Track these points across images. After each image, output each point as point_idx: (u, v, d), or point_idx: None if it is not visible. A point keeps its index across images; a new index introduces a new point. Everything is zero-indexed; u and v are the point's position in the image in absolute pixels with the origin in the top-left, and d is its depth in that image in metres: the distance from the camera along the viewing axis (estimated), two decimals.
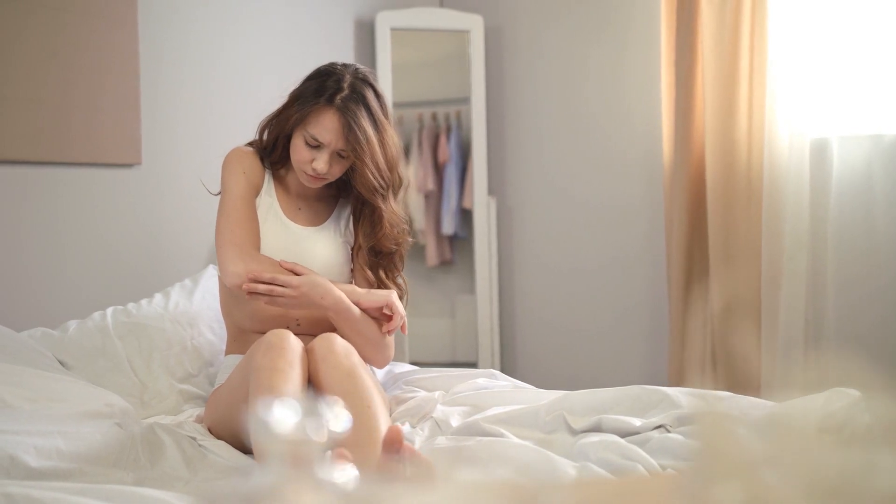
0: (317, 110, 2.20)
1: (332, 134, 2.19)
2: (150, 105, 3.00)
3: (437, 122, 4.20)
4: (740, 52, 3.31)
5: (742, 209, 3.34)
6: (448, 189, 4.19)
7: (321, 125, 2.19)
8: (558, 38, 3.97)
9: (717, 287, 3.37)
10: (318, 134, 2.20)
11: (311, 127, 2.20)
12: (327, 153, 2.21)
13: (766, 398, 3.21)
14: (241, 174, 2.30)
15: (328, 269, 2.31)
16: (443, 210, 4.21)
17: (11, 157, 2.63)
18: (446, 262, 4.27)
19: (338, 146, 2.21)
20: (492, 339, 4.07)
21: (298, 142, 2.24)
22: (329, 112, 2.19)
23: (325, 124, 2.19)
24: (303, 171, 2.25)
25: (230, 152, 2.35)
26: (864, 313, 3.15)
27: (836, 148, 3.17)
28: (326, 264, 2.31)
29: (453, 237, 4.25)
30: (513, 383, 2.38)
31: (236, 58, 3.32)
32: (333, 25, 3.84)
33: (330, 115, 2.19)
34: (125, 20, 2.91)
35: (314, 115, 2.20)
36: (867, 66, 3.14)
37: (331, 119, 2.19)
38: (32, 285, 2.67)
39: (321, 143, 2.21)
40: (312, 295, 2.15)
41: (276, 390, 1.80)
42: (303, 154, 2.23)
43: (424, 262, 4.27)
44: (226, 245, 2.22)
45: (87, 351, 2.33)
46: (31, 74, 2.66)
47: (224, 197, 2.30)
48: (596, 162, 3.90)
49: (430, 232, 4.24)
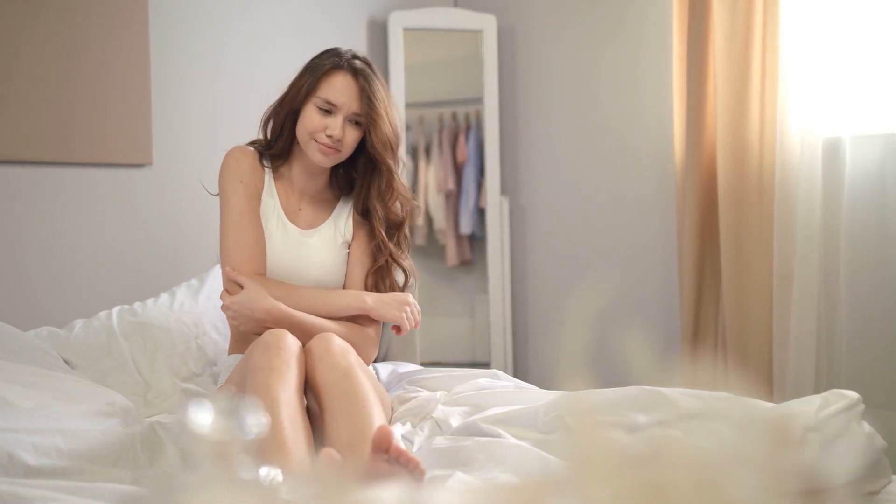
0: (328, 73, 2.23)
1: (346, 95, 2.22)
2: (161, 105, 3.02)
3: (457, 121, 4.21)
4: (752, 50, 3.29)
5: (754, 208, 3.32)
6: (466, 189, 4.19)
7: (334, 87, 2.22)
8: (571, 38, 3.97)
9: (728, 286, 3.35)
10: (331, 97, 2.22)
11: (324, 91, 2.23)
12: (341, 117, 2.23)
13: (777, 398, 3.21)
14: (237, 184, 2.28)
15: (325, 273, 2.31)
16: (461, 210, 4.22)
17: (24, 158, 2.66)
18: (466, 262, 4.27)
19: (352, 108, 2.23)
20: (504, 339, 4.07)
21: (310, 111, 2.24)
22: (341, 73, 2.23)
23: (338, 85, 2.22)
24: (316, 142, 2.24)
25: (227, 154, 2.34)
26: (877, 312, 3.13)
27: (849, 147, 3.14)
28: (324, 267, 2.32)
29: (472, 237, 4.25)
30: (515, 383, 2.37)
31: (248, 57, 3.34)
32: (346, 26, 3.85)
33: (342, 76, 2.23)
34: (136, 20, 2.94)
35: (326, 79, 2.23)
36: (880, 64, 3.12)
37: (343, 79, 2.23)
38: (41, 285, 2.70)
39: (335, 106, 2.22)
40: (244, 311, 2.17)
41: (272, 390, 1.81)
42: (315, 122, 2.23)
43: (444, 262, 4.28)
44: (222, 265, 2.27)
45: (92, 350, 2.35)
46: (41, 75, 2.69)
47: (223, 209, 2.30)
48: (608, 161, 3.89)
49: (449, 232, 4.25)
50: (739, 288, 3.34)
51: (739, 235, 3.35)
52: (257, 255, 2.26)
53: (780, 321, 3.23)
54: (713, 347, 3.46)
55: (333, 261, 2.35)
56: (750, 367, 3.32)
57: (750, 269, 3.33)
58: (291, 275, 2.29)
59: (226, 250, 2.25)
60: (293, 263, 2.28)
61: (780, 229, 3.22)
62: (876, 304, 3.13)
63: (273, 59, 3.42)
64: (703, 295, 3.49)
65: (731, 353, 3.35)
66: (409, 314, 2.30)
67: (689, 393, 2.02)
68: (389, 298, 2.30)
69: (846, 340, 3.16)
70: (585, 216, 3.96)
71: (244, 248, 2.24)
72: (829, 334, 3.21)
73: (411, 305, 2.31)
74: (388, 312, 2.27)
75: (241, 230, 2.25)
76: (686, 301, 3.48)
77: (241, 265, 2.23)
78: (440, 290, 4.34)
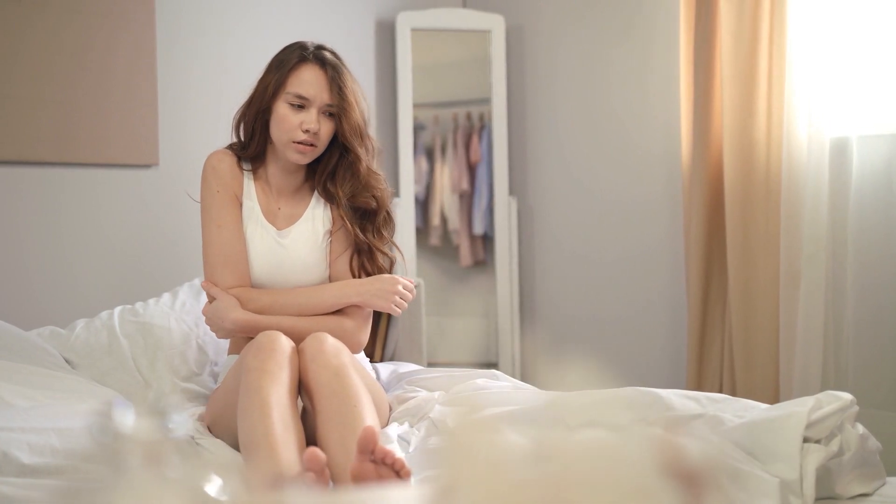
0: (295, 67, 2.22)
1: (317, 86, 2.21)
2: (168, 106, 3.04)
3: (471, 121, 4.20)
4: (759, 49, 3.27)
5: (760, 208, 3.31)
6: (480, 189, 4.19)
7: (303, 80, 2.21)
8: (579, 38, 3.96)
9: (735, 285, 3.34)
10: (301, 90, 2.20)
11: (293, 85, 2.21)
12: (315, 110, 2.21)
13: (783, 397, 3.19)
14: (215, 193, 2.28)
15: (307, 271, 2.30)
16: (474, 210, 4.21)
17: (27, 158, 2.68)
18: (480, 263, 4.27)
19: (323, 99, 2.21)
20: (512, 339, 4.07)
21: (282, 109, 2.22)
22: (308, 65, 2.22)
23: (307, 77, 2.21)
24: (292, 140, 2.22)
25: (206, 161, 2.33)
26: (884, 313, 3.11)
27: (856, 147, 3.12)
28: (305, 267, 2.31)
29: (485, 237, 4.24)
30: (513, 384, 2.37)
31: (255, 58, 3.32)
32: (354, 26, 3.86)
33: (310, 68, 2.22)
34: (143, 22, 2.96)
35: (294, 74, 2.21)
36: (887, 64, 3.10)
37: (311, 71, 2.22)
38: (45, 284, 2.72)
39: (307, 100, 2.21)
40: (214, 321, 2.24)
41: (264, 391, 1.82)
42: (289, 120, 2.21)
43: (459, 262, 4.28)
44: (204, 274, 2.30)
45: (93, 349, 2.36)
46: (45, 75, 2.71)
47: (203, 220, 2.30)
48: (616, 161, 3.89)
49: (463, 232, 4.24)
50: (746, 287, 3.33)
51: (746, 235, 3.33)
52: (239, 266, 2.26)
53: (786, 320, 3.21)
54: (720, 346, 3.45)
55: (314, 258, 2.32)
56: (756, 365, 3.31)
57: (757, 269, 3.32)
58: (273, 276, 2.29)
59: (208, 264, 2.27)
60: (274, 267, 2.28)
61: (787, 228, 3.20)
62: (883, 303, 3.11)
63: None
64: (710, 294, 3.48)
65: (737, 351, 3.33)
66: (399, 300, 2.27)
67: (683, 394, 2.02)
68: (376, 288, 2.25)
69: (853, 340, 3.14)
70: (594, 216, 3.96)
71: (226, 262, 2.25)
72: (836, 334, 3.19)
73: (398, 292, 2.26)
74: (376, 302, 2.26)
75: (220, 243, 2.26)
76: (693, 300, 3.47)
77: (223, 278, 2.24)
78: (455, 290, 4.34)
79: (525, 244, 4.14)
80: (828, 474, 1.69)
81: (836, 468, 1.70)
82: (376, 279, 2.28)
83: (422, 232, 4.23)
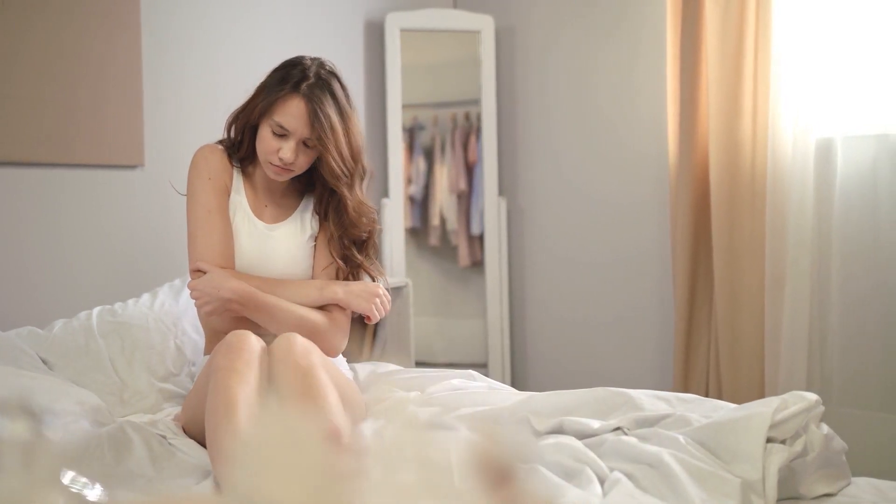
0: (283, 98, 2.21)
1: (298, 121, 2.20)
2: (154, 107, 3.05)
3: (469, 122, 4.20)
4: (744, 50, 3.28)
5: (746, 209, 3.31)
6: (477, 189, 4.19)
7: (287, 112, 2.21)
8: (568, 39, 3.97)
9: (721, 287, 3.34)
10: (283, 121, 2.21)
11: (278, 115, 2.21)
12: (293, 142, 2.22)
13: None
14: (206, 181, 2.30)
15: (292, 266, 2.33)
16: (472, 210, 4.22)
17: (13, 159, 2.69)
18: (478, 263, 4.27)
19: (303, 134, 2.22)
20: (502, 340, 4.08)
21: (265, 132, 2.24)
22: (295, 99, 2.21)
23: (291, 111, 2.20)
24: (269, 162, 2.25)
25: (197, 151, 2.36)
26: (869, 313, 3.11)
27: (841, 147, 3.13)
28: (291, 261, 2.33)
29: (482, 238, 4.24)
30: (488, 384, 2.38)
31: (242, 58, 3.36)
32: (343, 27, 3.87)
33: (296, 102, 2.20)
34: (128, 21, 2.96)
35: (280, 103, 2.21)
36: (872, 65, 3.10)
37: (297, 106, 2.20)
38: (31, 284, 2.73)
39: (287, 132, 2.21)
40: (208, 289, 2.17)
41: (232, 391, 1.83)
42: (269, 144, 2.23)
43: (457, 263, 4.28)
44: (190, 262, 2.28)
45: (70, 350, 2.36)
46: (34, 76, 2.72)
47: (191, 205, 2.31)
48: (605, 162, 3.89)
49: (461, 233, 4.25)
50: (732, 288, 3.34)
51: (732, 236, 3.34)
52: (225, 251, 2.28)
53: (772, 322, 3.22)
54: (706, 347, 3.46)
55: (299, 253, 2.36)
56: (742, 366, 3.32)
57: (742, 270, 3.32)
58: (258, 268, 2.30)
59: (193, 246, 2.27)
60: (259, 257, 2.30)
61: (773, 230, 3.21)
62: (868, 305, 3.11)
63: (268, 60, 3.40)
64: (697, 295, 3.48)
65: (723, 352, 3.34)
66: (379, 305, 2.31)
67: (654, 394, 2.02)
68: (359, 290, 2.31)
69: (838, 342, 3.14)
70: (584, 217, 3.96)
71: (212, 245, 2.26)
72: (821, 335, 3.19)
73: (380, 296, 2.32)
74: (358, 303, 2.29)
75: (210, 227, 2.27)
76: (680, 301, 3.47)
77: (209, 261, 2.24)
78: (453, 291, 4.35)
79: (514, 245, 4.15)
80: (791, 474, 1.69)
81: (800, 468, 1.70)
82: (361, 282, 2.35)
83: (421, 232, 4.25)
